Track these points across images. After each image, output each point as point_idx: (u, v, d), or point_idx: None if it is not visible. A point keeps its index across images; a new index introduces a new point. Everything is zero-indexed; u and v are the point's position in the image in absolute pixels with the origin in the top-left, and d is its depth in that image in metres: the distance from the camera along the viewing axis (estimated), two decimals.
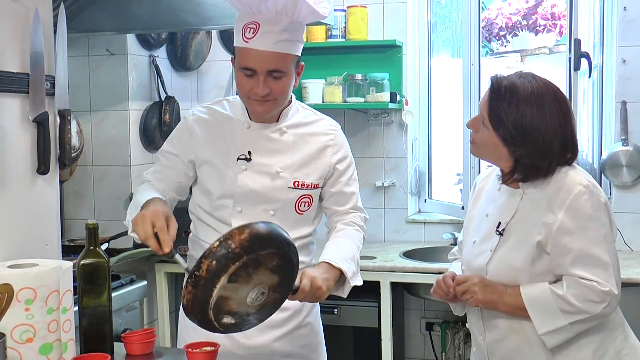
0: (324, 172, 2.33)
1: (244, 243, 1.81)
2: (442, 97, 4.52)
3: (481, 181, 2.32)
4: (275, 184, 2.28)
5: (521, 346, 2.10)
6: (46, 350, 1.74)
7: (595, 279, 1.98)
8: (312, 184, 2.32)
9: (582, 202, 2.00)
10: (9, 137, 1.90)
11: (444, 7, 4.58)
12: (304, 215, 2.33)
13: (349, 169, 2.39)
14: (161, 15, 3.33)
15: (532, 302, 2.02)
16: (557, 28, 5.83)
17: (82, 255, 1.99)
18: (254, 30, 2.15)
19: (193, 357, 1.94)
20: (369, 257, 3.91)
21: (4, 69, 1.89)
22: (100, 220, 2.21)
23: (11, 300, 1.67)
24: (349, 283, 2.22)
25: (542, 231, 2.02)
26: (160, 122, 4.06)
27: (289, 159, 2.30)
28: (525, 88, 2.04)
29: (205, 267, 1.78)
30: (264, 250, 1.84)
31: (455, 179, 4.58)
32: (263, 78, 2.17)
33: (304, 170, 2.31)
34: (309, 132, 2.34)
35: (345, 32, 4.26)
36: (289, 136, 2.31)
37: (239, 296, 1.84)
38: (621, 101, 3.96)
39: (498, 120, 2.05)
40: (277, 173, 2.28)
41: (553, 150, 2.04)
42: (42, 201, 2.04)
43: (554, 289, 2.00)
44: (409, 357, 4.42)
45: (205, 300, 1.80)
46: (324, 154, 2.34)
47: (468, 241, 2.24)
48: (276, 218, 2.27)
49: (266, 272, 1.86)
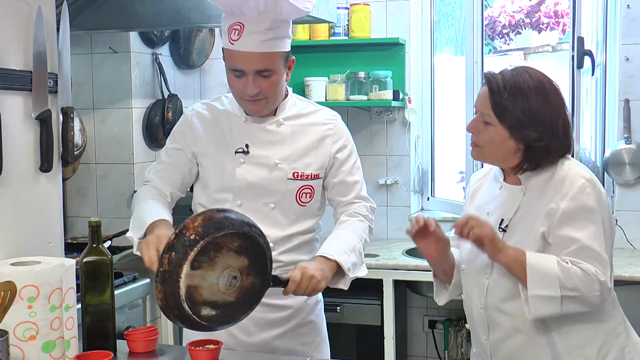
0: (324, 162, 2.32)
1: (198, 229, 1.83)
2: (445, 95, 4.52)
3: (475, 182, 2.31)
4: (274, 176, 2.28)
5: (525, 346, 2.08)
6: (49, 348, 1.75)
7: (593, 269, 1.98)
8: (312, 174, 2.30)
9: (585, 194, 2.00)
10: (12, 135, 1.90)
11: (447, 5, 4.57)
12: (307, 206, 2.32)
13: (350, 157, 2.36)
14: (164, 13, 3.33)
15: (535, 263, 1.98)
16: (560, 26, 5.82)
17: (84, 252, 1.99)
18: (238, 31, 2.16)
19: (196, 355, 1.94)
20: (372, 255, 3.91)
21: (7, 66, 1.89)
22: (103, 218, 2.22)
23: (14, 298, 1.67)
24: (348, 275, 2.18)
25: (545, 222, 2.01)
26: (163, 120, 4.06)
27: (287, 150, 2.29)
28: (523, 78, 2.05)
29: (166, 261, 1.82)
30: (220, 232, 1.84)
31: (458, 176, 4.58)
32: (252, 78, 2.18)
33: (303, 161, 2.30)
34: (307, 122, 2.34)
35: (348, 30, 4.26)
36: (287, 127, 2.31)
37: (208, 283, 1.85)
38: (624, 99, 3.96)
39: (503, 111, 2.04)
40: (276, 164, 2.28)
41: (559, 133, 2.06)
42: (45, 199, 2.04)
43: (561, 262, 1.98)
44: (411, 355, 4.41)
45: (175, 293, 1.82)
46: (323, 143, 2.33)
47: (467, 242, 2.18)
48: (277, 211, 2.29)
49: (230, 254, 1.86)
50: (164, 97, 4.13)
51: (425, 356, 4.41)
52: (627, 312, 2.19)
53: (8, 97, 1.90)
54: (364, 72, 4.22)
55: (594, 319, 2.06)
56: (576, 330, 2.05)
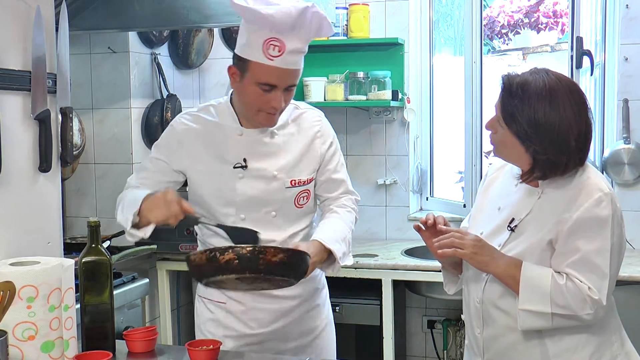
0: (315, 164, 2.39)
1: (271, 265, 1.94)
2: (444, 95, 4.52)
3: (493, 172, 2.28)
4: (273, 187, 2.33)
5: (517, 344, 2.08)
6: (48, 348, 1.75)
7: (588, 284, 1.96)
8: (308, 179, 2.38)
9: (599, 208, 1.97)
10: (11, 135, 1.90)
11: (445, 5, 4.57)
12: (304, 207, 2.40)
13: (335, 155, 2.43)
14: (163, 13, 3.33)
15: (529, 277, 1.99)
16: (559, 26, 5.84)
17: (83, 252, 1.99)
18: (279, 48, 2.12)
19: (195, 355, 1.95)
20: (371, 254, 3.91)
21: (6, 66, 1.89)
22: (102, 218, 2.21)
23: (13, 298, 1.67)
24: (338, 263, 2.28)
25: (553, 229, 2.00)
26: (162, 120, 4.06)
27: (283, 160, 2.34)
28: (537, 83, 2.00)
29: (227, 257, 1.92)
30: (281, 277, 1.98)
31: (457, 176, 4.58)
32: (282, 92, 2.19)
33: (298, 168, 2.36)
34: (296, 129, 2.38)
35: (347, 30, 4.26)
36: (280, 137, 2.34)
37: (234, 287, 2.07)
38: (623, 99, 3.96)
39: (511, 118, 2.01)
40: (274, 176, 2.33)
41: (570, 145, 2.01)
42: (44, 199, 2.04)
43: (556, 277, 1.98)
44: (410, 354, 4.42)
45: (206, 275, 1.97)
46: (313, 146, 2.39)
47: (476, 232, 2.18)
48: (278, 217, 2.35)
49: (268, 286, 2.07)
50: (163, 97, 4.13)
51: (424, 356, 4.41)
52: (626, 313, 2.19)
53: (7, 97, 1.90)
54: (363, 72, 4.22)
55: (587, 327, 2.04)
56: (569, 336, 2.04)
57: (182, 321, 4.23)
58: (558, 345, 2.05)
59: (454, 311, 4.25)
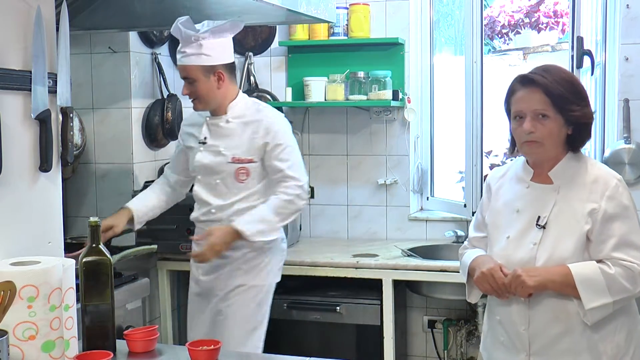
0: (257, 151, 3.14)
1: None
2: (444, 94, 4.51)
3: (497, 181, 2.43)
4: (219, 160, 3.18)
5: (564, 334, 2.21)
6: (48, 348, 1.75)
7: (635, 260, 2.17)
8: (247, 159, 3.16)
9: (619, 193, 2.22)
10: (12, 135, 1.90)
11: (446, 5, 4.56)
12: (244, 183, 3.18)
13: (278, 147, 3.14)
14: (163, 13, 3.33)
15: (583, 279, 2.15)
16: (559, 26, 5.83)
17: (84, 252, 1.99)
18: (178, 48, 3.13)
19: (195, 355, 1.95)
20: (371, 254, 3.91)
21: (7, 66, 1.89)
22: (102, 218, 2.22)
23: (13, 298, 1.67)
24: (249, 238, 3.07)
25: (589, 220, 2.18)
26: (163, 120, 4.06)
27: (231, 141, 3.18)
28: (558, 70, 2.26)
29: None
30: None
31: (457, 176, 4.57)
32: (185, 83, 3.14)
33: (240, 149, 3.16)
34: (247, 120, 3.18)
35: (347, 29, 4.26)
36: (233, 124, 3.19)
37: None
38: (624, 99, 3.96)
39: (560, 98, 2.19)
40: (220, 152, 3.18)
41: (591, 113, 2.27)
42: (45, 199, 2.04)
43: (603, 268, 2.15)
44: (411, 354, 4.41)
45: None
46: (257, 136, 3.15)
47: (500, 237, 2.31)
48: (222, 185, 3.19)
49: None
50: (163, 96, 4.13)
51: (424, 356, 4.41)
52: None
53: (7, 96, 1.90)
54: (364, 72, 4.22)
55: (621, 312, 2.23)
56: (608, 319, 2.20)
57: (182, 321, 4.22)
58: (600, 331, 2.20)
59: (455, 311, 4.25)
